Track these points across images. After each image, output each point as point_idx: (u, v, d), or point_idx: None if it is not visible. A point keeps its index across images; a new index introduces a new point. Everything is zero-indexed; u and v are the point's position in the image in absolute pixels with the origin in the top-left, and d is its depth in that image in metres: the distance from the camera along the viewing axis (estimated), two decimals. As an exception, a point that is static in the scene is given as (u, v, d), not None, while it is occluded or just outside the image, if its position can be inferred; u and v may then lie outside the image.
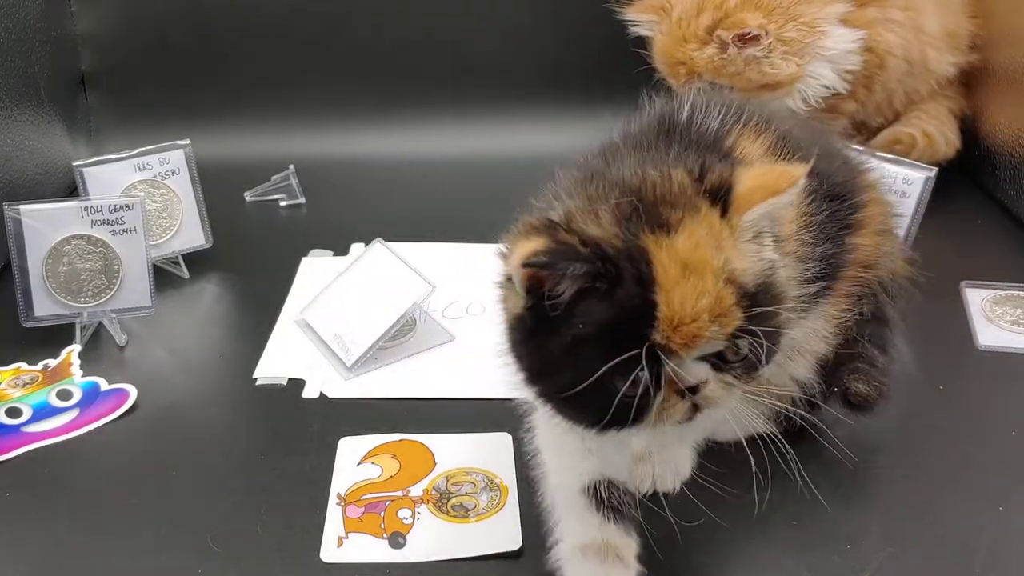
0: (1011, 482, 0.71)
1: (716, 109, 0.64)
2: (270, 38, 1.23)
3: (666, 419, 0.52)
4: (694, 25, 1.00)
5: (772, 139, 0.63)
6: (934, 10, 1.07)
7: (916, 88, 1.10)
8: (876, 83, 1.06)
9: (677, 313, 0.49)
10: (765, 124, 0.64)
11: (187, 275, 0.99)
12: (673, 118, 0.65)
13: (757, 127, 0.64)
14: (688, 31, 1.01)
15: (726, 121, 0.64)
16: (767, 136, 0.63)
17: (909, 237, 0.93)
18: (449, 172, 1.21)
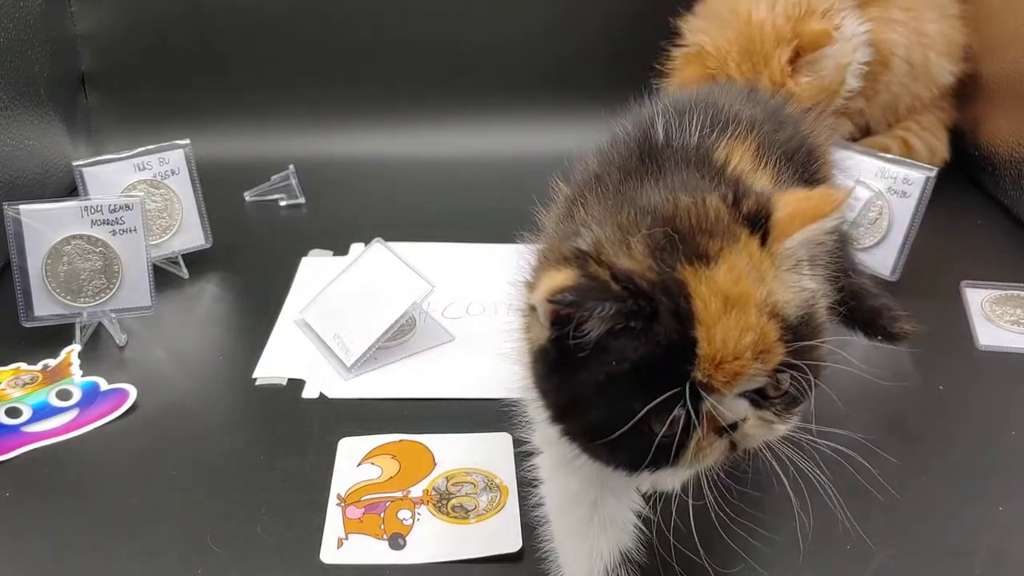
0: (1011, 482, 0.71)
1: (689, 120, 0.61)
2: (270, 38, 1.23)
3: (702, 459, 0.50)
4: (775, 67, 0.98)
5: (756, 144, 0.61)
6: (934, 15, 1.07)
7: (919, 94, 1.11)
8: (880, 83, 1.06)
9: (720, 351, 0.46)
10: (743, 127, 0.61)
11: (187, 275, 0.99)
12: (650, 137, 0.62)
13: (738, 133, 0.61)
14: (775, 74, 0.99)
15: (705, 132, 0.60)
16: (751, 141, 0.61)
17: (909, 237, 0.93)
18: (449, 172, 1.21)
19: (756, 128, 0.62)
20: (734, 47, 0.99)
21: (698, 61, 1.01)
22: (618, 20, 1.23)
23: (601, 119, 1.27)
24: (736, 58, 0.99)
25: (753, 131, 0.62)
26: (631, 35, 1.22)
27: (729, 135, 0.60)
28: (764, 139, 0.62)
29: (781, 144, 0.64)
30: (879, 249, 0.95)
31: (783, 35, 0.98)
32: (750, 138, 0.61)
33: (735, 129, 0.61)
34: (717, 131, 0.61)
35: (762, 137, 0.62)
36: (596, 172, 0.64)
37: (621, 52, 1.23)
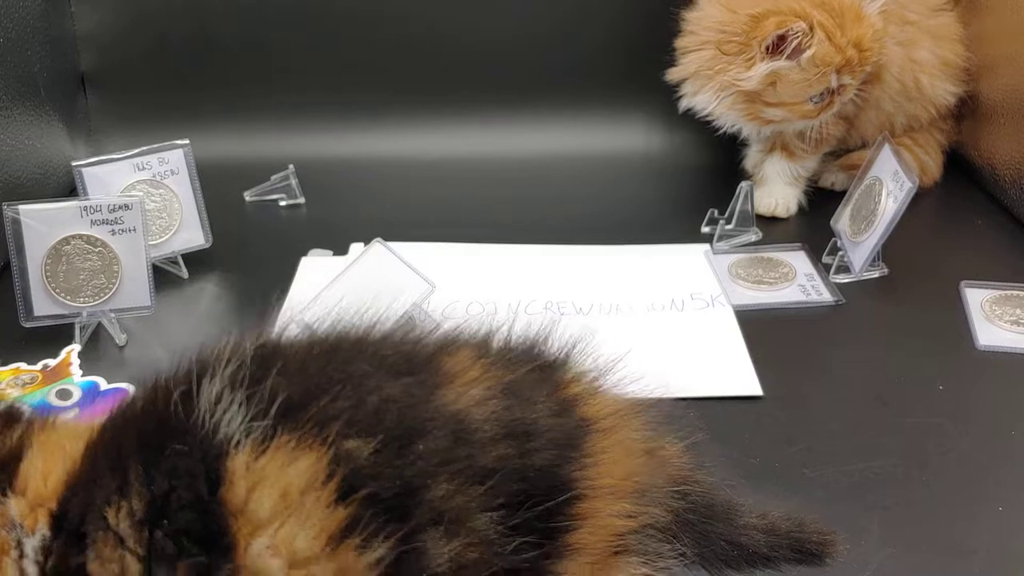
0: (1011, 482, 0.71)
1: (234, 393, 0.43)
2: (270, 38, 1.23)
3: None
4: (846, 6, 0.95)
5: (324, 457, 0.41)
6: (929, 42, 1.07)
7: (917, 115, 1.11)
8: (871, 95, 1.06)
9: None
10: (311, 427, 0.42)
11: (187, 275, 0.99)
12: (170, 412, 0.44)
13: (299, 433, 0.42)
14: (855, 10, 0.96)
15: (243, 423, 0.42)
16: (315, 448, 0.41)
17: (882, 238, 0.93)
18: (449, 172, 1.21)
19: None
20: (804, 1, 0.95)
21: (772, 14, 0.95)
22: (619, 20, 1.23)
23: (601, 119, 1.29)
24: (817, 9, 0.95)
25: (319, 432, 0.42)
26: (633, 35, 1.22)
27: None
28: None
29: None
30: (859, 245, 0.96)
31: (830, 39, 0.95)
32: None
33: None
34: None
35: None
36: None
37: (622, 52, 1.24)
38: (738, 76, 0.97)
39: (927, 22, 1.07)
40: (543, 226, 1.07)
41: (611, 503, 0.46)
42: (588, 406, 0.49)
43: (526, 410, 0.46)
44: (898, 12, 1.03)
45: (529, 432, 0.45)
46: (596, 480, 0.46)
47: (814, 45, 0.94)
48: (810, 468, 0.72)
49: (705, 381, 0.82)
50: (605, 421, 0.49)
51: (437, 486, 0.41)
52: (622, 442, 0.49)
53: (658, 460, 0.52)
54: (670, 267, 1.00)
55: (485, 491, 0.41)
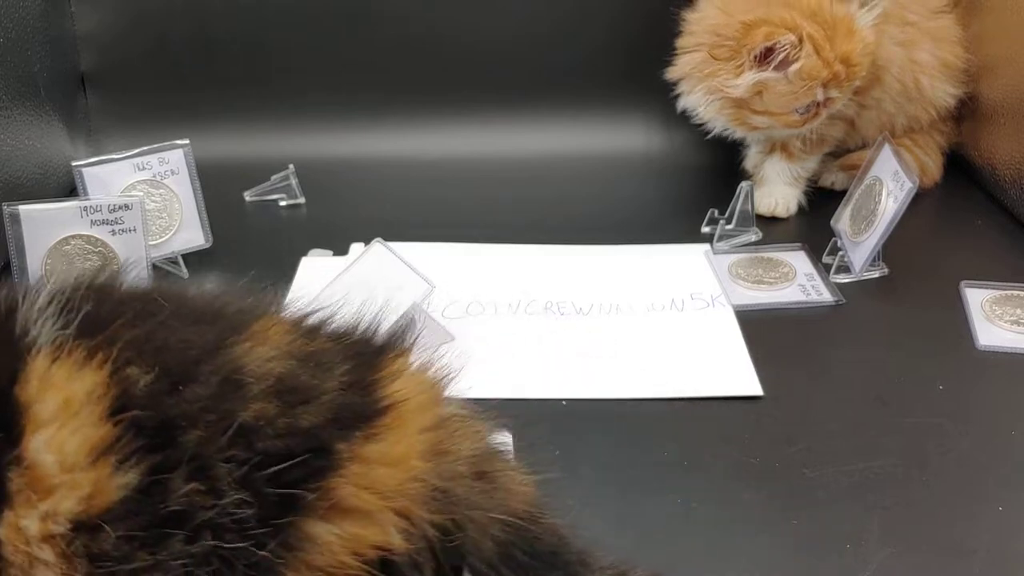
0: (1011, 482, 0.71)
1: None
2: (270, 38, 1.23)
3: None
4: (842, 16, 0.95)
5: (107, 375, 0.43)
6: (929, 43, 1.07)
7: (917, 116, 1.11)
8: (871, 96, 1.06)
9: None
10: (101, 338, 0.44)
11: (187, 275, 0.99)
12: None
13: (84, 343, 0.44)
14: (849, 23, 0.96)
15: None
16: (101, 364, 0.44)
17: (882, 239, 0.93)
18: (449, 172, 1.21)
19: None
20: (796, 14, 0.95)
21: (764, 23, 0.96)
22: (619, 20, 1.23)
23: (601, 119, 1.29)
24: (807, 22, 0.95)
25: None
26: (633, 35, 1.22)
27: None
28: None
29: None
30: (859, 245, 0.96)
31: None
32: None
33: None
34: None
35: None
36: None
37: (622, 52, 1.24)
38: (726, 82, 0.98)
39: (927, 24, 1.07)
40: (543, 226, 1.07)
41: (377, 495, 0.45)
42: (395, 390, 0.48)
43: (314, 376, 0.47)
44: (899, 13, 1.03)
45: (305, 396, 0.45)
46: (368, 462, 0.45)
47: (802, 58, 0.94)
48: (810, 468, 0.72)
49: (705, 381, 0.82)
50: (409, 408, 0.48)
51: (192, 430, 0.42)
52: (422, 437, 0.47)
53: (489, 482, 0.49)
54: (670, 267, 1.00)
55: (231, 443, 0.42)
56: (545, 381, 0.82)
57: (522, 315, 0.92)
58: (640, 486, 0.70)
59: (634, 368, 0.84)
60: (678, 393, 0.81)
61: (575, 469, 0.72)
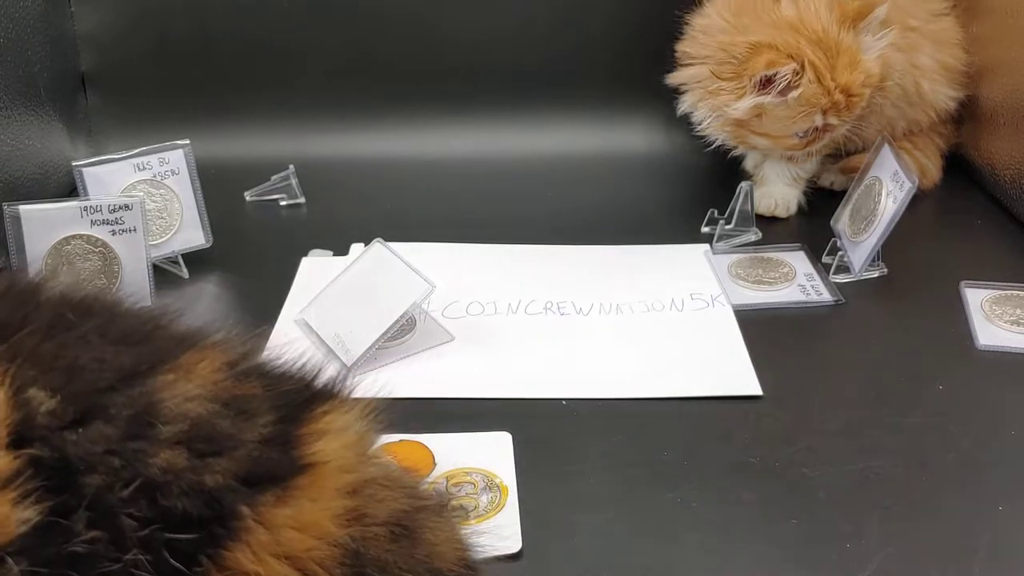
0: (1011, 482, 0.71)
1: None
2: (271, 38, 1.23)
3: None
4: (848, 46, 0.95)
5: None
6: (930, 47, 1.07)
7: (917, 119, 1.11)
8: (874, 102, 1.06)
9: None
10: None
11: (187, 275, 0.99)
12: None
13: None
14: (854, 54, 0.96)
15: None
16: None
17: (881, 238, 0.93)
18: (450, 172, 1.21)
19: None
20: (801, 40, 0.95)
21: (768, 48, 0.95)
22: (619, 21, 1.23)
23: (601, 119, 1.29)
24: (810, 48, 0.94)
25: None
26: (633, 35, 1.22)
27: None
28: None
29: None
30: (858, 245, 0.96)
31: (838, 18, 0.95)
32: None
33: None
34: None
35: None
36: None
37: (622, 53, 1.24)
38: (727, 102, 0.98)
39: (928, 27, 1.07)
40: (543, 226, 1.07)
41: (283, 560, 0.42)
42: (317, 449, 0.45)
43: (233, 425, 0.43)
44: (901, 18, 1.03)
45: (219, 447, 0.42)
46: (275, 527, 0.42)
47: (802, 85, 0.94)
48: (810, 468, 0.72)
49: (705, 381, 0.82)
50: (329, 469, 0.45)
51: (93, 474, 0.39)
52: (339, 502, 0.44)
53: (411, 541, 0.46)
54: (670, 267, 1.00)
55: (134, 497, 0.40)
56: (545, 381, 0.82)
57: (522, 315, 0.92)
58: (640, 486, 0.70)
59: (634, 368, 0.84)
60: (678, 393, 0.81)
61: (575, 469, 0.72)
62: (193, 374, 0.45)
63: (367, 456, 0.48)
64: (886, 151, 0.96)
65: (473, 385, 0.82)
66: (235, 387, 0.45)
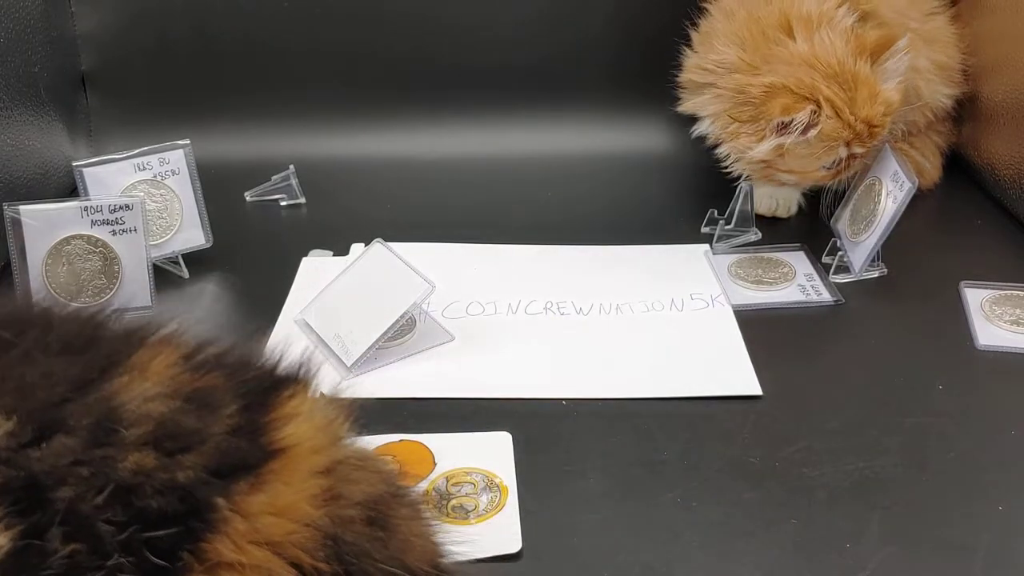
0: (1011, 482, 0.71)
1: None
2: (270, 38, 1.23)
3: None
4: (866, 78, 0.93)
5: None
6: (924, 48, 1.06)
7: (915, 120, 1.10)
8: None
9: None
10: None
11: (187, 275, 0.99)
12: None
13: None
14: (872, 86, 0.94)
15: None
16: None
17: (881, 238, 0.93)
18: (449, 172, 1.21)
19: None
20: (816, 76, 0.93)
21: (783, 90, 0.94)
22: (619, 21, 1.23)
23: (602, 119, 1.29)
24: (826, 83, 0.93)
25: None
26: (633, 36, 1.22)
27: None
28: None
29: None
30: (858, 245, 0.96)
31: (854, 51, 0.93)
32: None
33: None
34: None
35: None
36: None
37: (623, 52, 1.24)
38: (748, 145, 0.96)
39: (923, 27, 1.07)
40: (543, 226, 1.07)
41: (263, 546, 0.42)
42: (287, 434, 0.45)
43: (198, 419, 0.43)
44: (901, 21, 1.03)
45: (187, 443, 0.42)
46: (252, 515, 0.42)
47: (820, 123, 0.93)
48: (810, 468, 0.72)
49: (705, 381, 0.82)
50: (301, 452, 0.45)
51: (64, 487, 0.39)
52: (313, 482, 0.44)
53: (385, 530, 0.46)
54: (670, 267, 1.00)
55: (108, 503, 0.39)
56: (545, 381, 0.82)
57: (522, 315, 0.92)
58: (640, 486, 0.70)
59: (634, 368, 0.84)
60: (678, 393, 0.81)
61: (575, 469, 0.72)
62: (149, 372, 0.44)
63: (338, 437, 0.48)
64: (886, 151, 0.96)
65: (473, 385, 0.82)
66: (194, 380, 0.45)
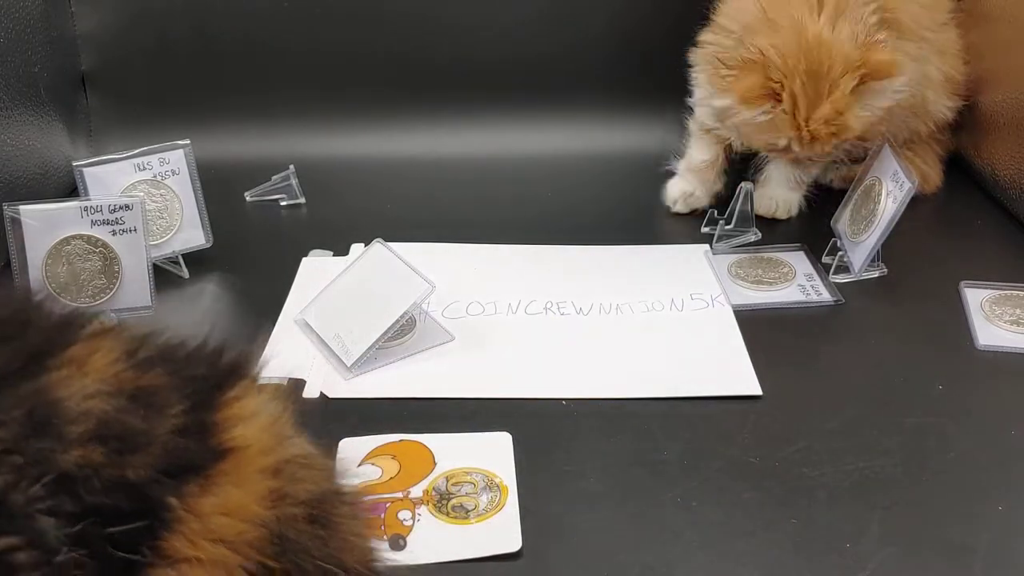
0: (1011, 482, 0.71)
1: None
2: (270, 38, 1.23)
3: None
4: (839, 96, 0.92)
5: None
6: (936, 58, 1.06)
7: (917, 129, 1.10)
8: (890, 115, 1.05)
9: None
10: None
11: (187, 275, 0.99)
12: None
13: None
14: (838, 103, 0.92)
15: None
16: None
17: (881, 239, 0.93)
18: (449, 172, 1.21)
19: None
20: (801, 64, 0.92)
21: (761, 71, 0.93)
22: (619, 21, 1.23)
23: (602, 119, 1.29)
24: (803, 77, 0.92)
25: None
26: (635, 35, 1.22)
27: None
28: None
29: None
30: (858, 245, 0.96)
31: (852, 61, 0.92)
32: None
33: None
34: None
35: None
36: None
37: (624, 52, 1.24)
38: (713, 93, 0.98)
39: (935, 37, 1.06)
40: (543, 226, 1.07)
41: (218, 543, 0.42)
42: (236, 434, 0.45)
43: (144, 419, 0.42)
44: (916, 29, 1.02)
45: (133, 444, 0.41)
46: (204, 515, 0.42)
47: (774, 114, 0.93)
48: (810, 468, 0.72)
49: (705, 381, 0.82)
50: (250, 453, 0.44)
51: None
52: (263, 485, 0.44)
53: (326, 529, 0.46)
54: (670, 267, 1.00)
55: (52, 492, 0.38)
56: (545, 381, 0.82)
57: (522, 315, 0.92)
58: (640, 486, 0.70)
59: (634, 368, 0.84)
60: (678, 393, 0.81)
61: (575, 469, 0.72)
62: (88, 367, 0.43)
63: (284, 436, 0.48)
64: (886, 152, 0.96)
65: (473, 385, 0.82)
66: (138, 378, 0.44)
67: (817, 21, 0.93)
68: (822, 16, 0.94)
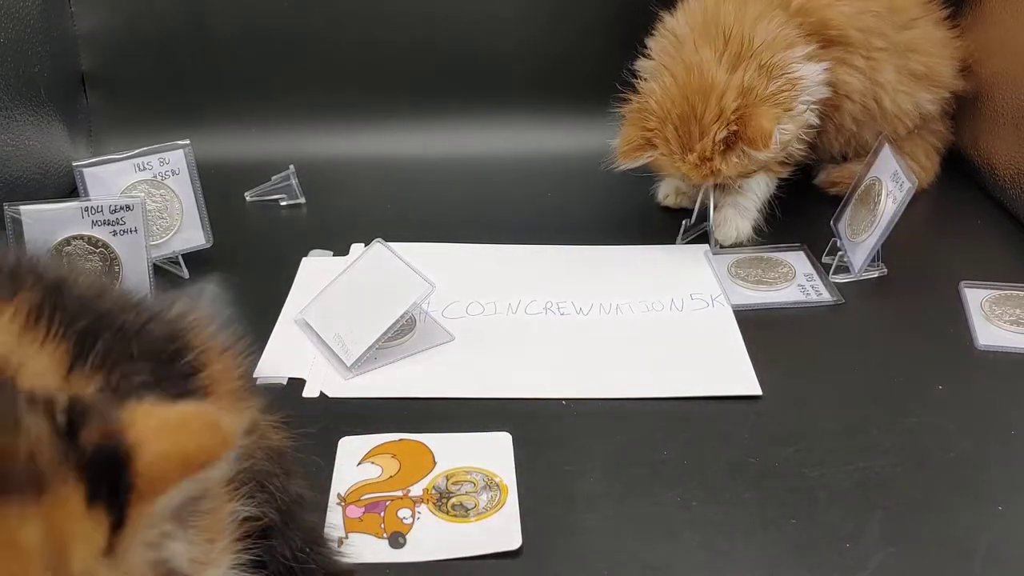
0: (1011, 482, 0.71)
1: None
2: (270, 38, 1.23)
3: None
4: (707, 144, 0.94)
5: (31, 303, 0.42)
6: (896, 60, 1.05)
7: (895, 129, 1.09)
8: (832, 121, 1.05)
9: None
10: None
11: (187, 275, 0.99)
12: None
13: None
14: (706, 150, 0.94)
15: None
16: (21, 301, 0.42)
17: (881, 239, 0.93)
18: (449, 172, 1.21)
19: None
20: (676, 109, 0.94)
21: (639, 121, 0.98)
22: (622, 18, 1.23)
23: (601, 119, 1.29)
24: (676, 122, 0.95)
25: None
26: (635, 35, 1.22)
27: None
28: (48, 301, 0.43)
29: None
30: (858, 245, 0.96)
31: (727, 113, 0.92)
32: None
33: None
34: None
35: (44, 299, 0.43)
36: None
37: (624, 52, 1.23)
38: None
39: (896, 38, 1.05)
40: (543, 226, 1.07)
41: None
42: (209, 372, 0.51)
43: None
44: (864, 41, 1.01)
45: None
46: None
47: (655, 157, 0.98)
48: (810, 468, 0.72)
49: (705, 381, 0.82)
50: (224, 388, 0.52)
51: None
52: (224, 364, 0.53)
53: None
54: (670, 267, 1.00)
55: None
56: (545, 381, 0.82)
57: (522, 315, 0.92)
58: (640, 486, 0.71)
59: (634, 368, 0.84)
60: (678, 393, 0.81)
61: (575, 469, 0.72)
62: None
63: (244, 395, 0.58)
64: (886, 152, 0.96)
65: (473, 385, 0.82)
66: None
67: (714, 66, 0.94)
68: (723, 61, 0.95)
